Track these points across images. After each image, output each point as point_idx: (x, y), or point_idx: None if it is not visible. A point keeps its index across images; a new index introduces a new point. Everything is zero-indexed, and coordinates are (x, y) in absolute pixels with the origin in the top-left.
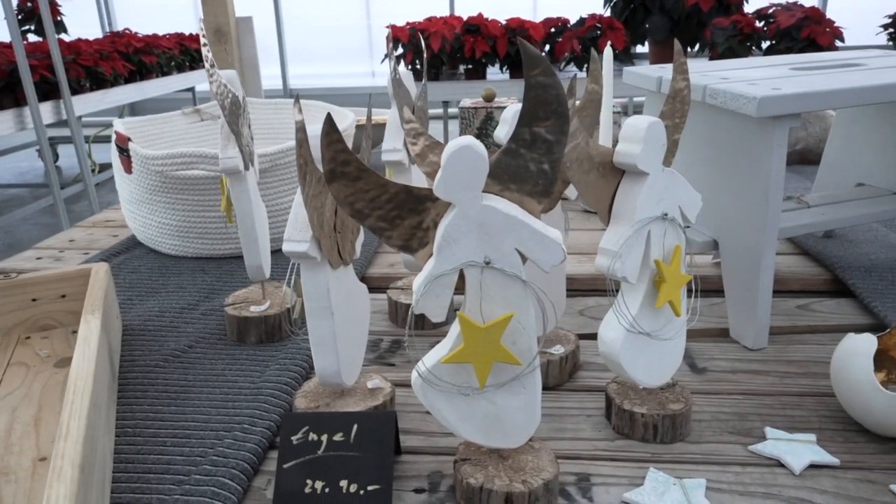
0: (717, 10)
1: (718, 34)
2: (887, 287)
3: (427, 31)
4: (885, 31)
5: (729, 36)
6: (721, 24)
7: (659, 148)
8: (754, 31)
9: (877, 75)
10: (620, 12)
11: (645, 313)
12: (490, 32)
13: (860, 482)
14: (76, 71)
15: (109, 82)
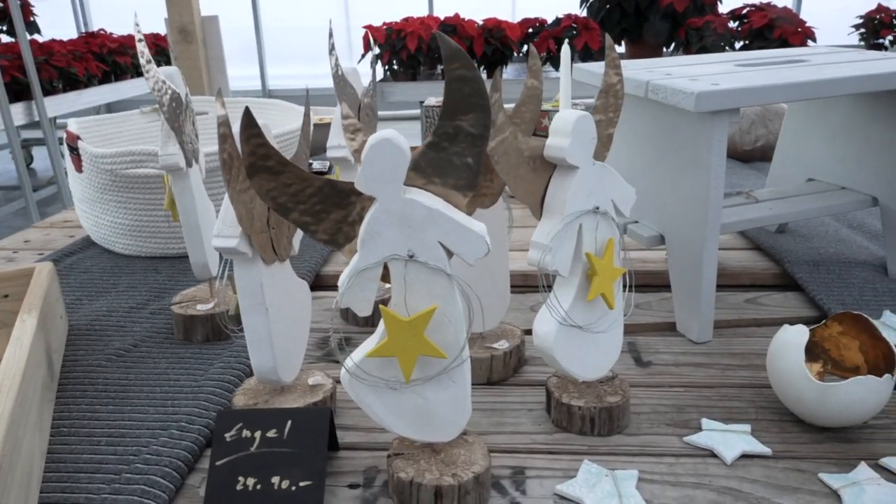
0: (691, 10)
1: (692, 34)
2: (833, 280)
3: (404, 32)
4: (856, 31)
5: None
6: (695, 25)
7: (588, 141)
8: (727, 30)
9: (816, 71)
10: (596, 12)
11: (579, 307)
12: (466, 32)
13: (790, 471)
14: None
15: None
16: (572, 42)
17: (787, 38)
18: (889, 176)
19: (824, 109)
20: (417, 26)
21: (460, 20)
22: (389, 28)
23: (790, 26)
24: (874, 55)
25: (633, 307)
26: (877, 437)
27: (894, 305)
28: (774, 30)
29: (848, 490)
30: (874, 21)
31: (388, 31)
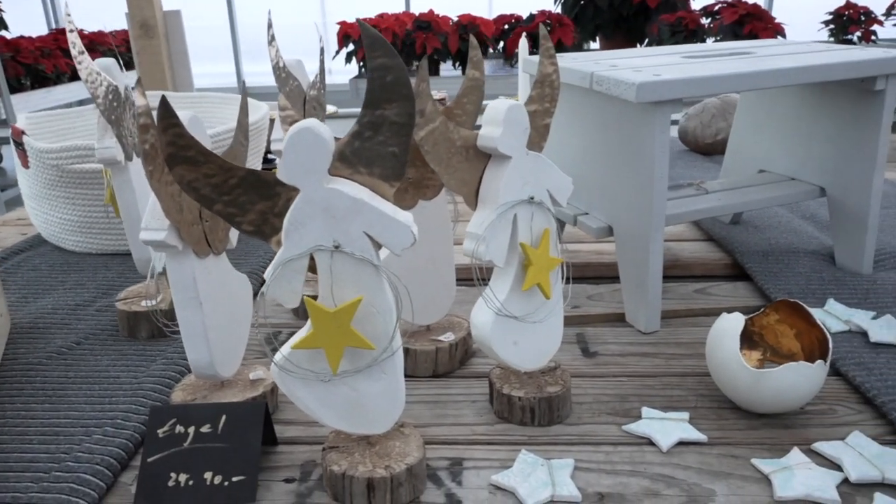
0: (663, 6)
1: (664, 30)
2: (781, 270)
3: (378, 28)
4: (826, 28)
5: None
6: (667, 21)
7: (521, 131)
8: (699, 27)
9: (758, 62)
10: (570, 9)
11: (515, 297)
12: (441, 29)
13: (724, 457)
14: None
15: (52, 80)
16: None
17: (758, 33)
18: (835, 167)
19: (773, 102)
20: (392, 22)
21: (434, 16)
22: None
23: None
24: (820, 48)
25: (569, 297)
26: (812, 422)
27: (839, 293)
28: (745, 26)
29: (778, 475)
30: (843, 17)
31: None
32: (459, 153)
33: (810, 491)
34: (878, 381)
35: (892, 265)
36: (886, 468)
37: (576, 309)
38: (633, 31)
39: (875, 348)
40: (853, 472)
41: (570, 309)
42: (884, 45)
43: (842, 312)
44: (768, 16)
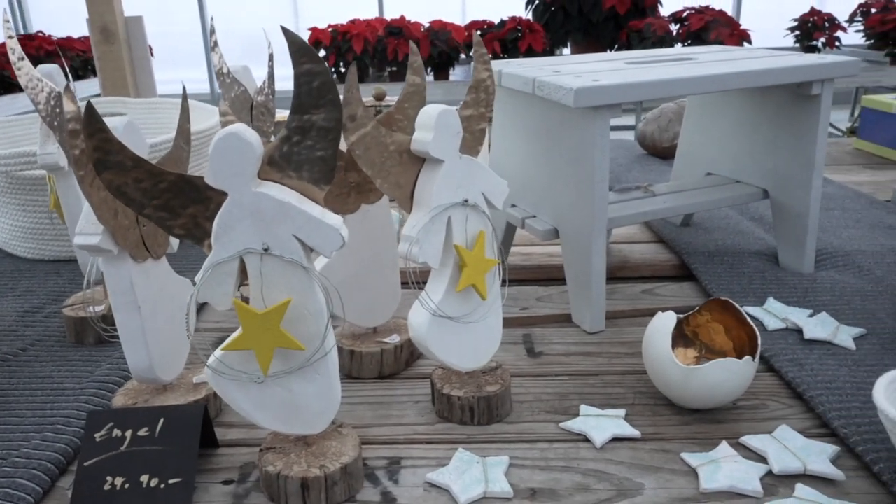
0: (633, 12)
1: (633, 37)
2: (726, 270)
3: (349, 34)
4: (791, 34)
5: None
6: (636, 27)
7: (453, 135)
8: (667, 33)
9: (697, 68)
10: (541, 15)
11: (451, 298)
12: (412, 34)
13: (655, 452)
14: None
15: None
16: (516, 44)
17: (723, 39)
18: (777, 170)
19: (719, 107)
20: (363, 28)
21: (406, 22)
22: (335, 30)
23: (725, 29)
24: (761, 54)
25: (517, 299)
26: (743, 417)
27: (780, 292)
28: (711, 32)
29: (705, 468)
30: (808, 24)
31: (333, 33)
32: (393, 157)
33: (734, 483)
34: (809, 376)
35: (832, 264)
36: (809, 460)
37: (524, 310)
38: (603, 37)
39: (809, 345)
40: (776, 465)
41: (519, 310)
42: (847, 50)
43: (780, 310)
44: (734, 22)
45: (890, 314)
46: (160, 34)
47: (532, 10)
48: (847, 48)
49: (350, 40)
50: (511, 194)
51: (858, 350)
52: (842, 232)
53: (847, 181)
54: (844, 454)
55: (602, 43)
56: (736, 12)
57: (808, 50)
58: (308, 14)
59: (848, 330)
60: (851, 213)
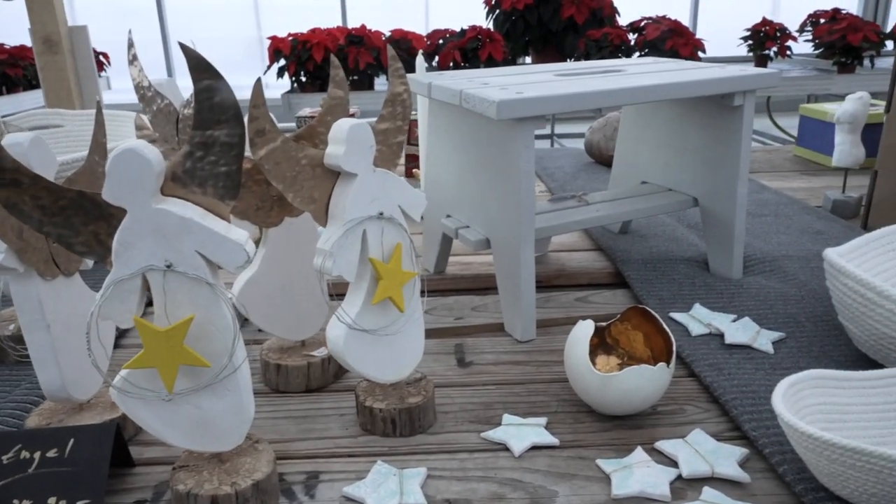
0: (591, 22)
1: (591, 46)
2: (658, 277)
3: (310, 43)
4: (744, 43)
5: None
6: (594, 36)
7: (365, 149)
8: (623, 42)
9: (622, 80)
10: (501, 24)
11: (370, 310)
12: (373, 43)
13: (572, 459)
14: None
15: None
16: (477, 53)
17: (678, 49)
18: (705, 178)
19: (651, 117)
20: (324, 37)
21: (367, 31)
22: (295, 39)
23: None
24: (688, 66)
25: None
26: (661, 422)
27: (707, 298)
28: (666, 42)
29: (618, 473)
30: (760, 34)
31: (293, 42)
32: (306, 171)
33: (644, 488)
34: (726, 380)
35: (760, 270)
36: (717, 463)
37: (459, 320)
38: (563, 46)
39: (729, 349)
40: (686, 469)
41: (454, 320)
42: (798, 59)
43: (704, 316)
44: (689, 32)
45: (809, 318)
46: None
47: (493, 19)
48: (798, 57)
49: (310, 49)
50: (446, 205)
51: (776, 354)
52: (772, 237)
53: (783, 187)
54: (754, 456)
55: (562, 52)
56: (693, 22)
57: (760, 59)
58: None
59: (768, 334)
60: (783, 219)
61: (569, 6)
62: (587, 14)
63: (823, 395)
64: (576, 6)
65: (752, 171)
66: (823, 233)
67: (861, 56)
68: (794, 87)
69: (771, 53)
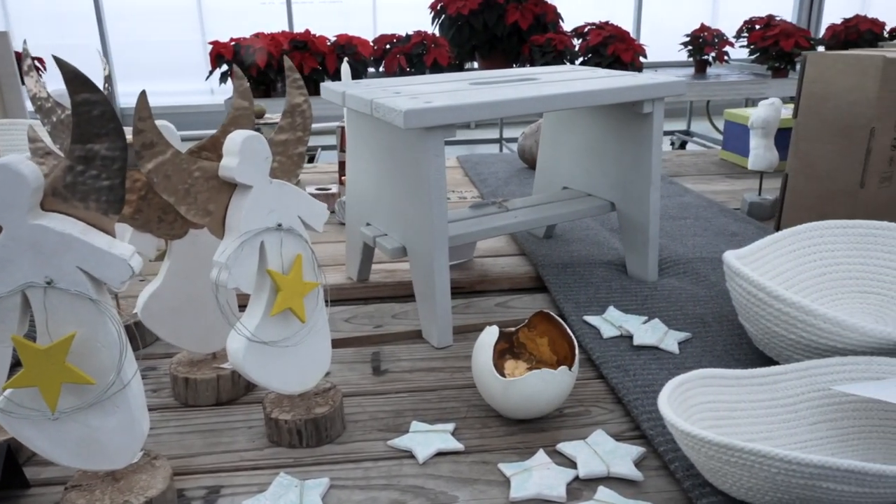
0: (535, 27)
1: (535, 51)
2: (576, 281)
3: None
4: (685, 48)
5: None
6: (537, 42)
7: (261, 161)
8: (566, 47)
9: (533, 88)
10: (447, 30)
11: (270, 322)
12: (318, 49)
13: (475, 464)
14: None
15: None
16: (422, 59)
17: (620, 54)
18: (621, 183)
19: (570, 124)
20: (267, 42)
21: (311, 36)
22: (237, 44)
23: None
24: (601, 73)
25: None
26: (565, 424)
27: (622, 300)
28: (608, 47)
29: (518, 476)
30: (699, 39)
31: (235, 47)
32: (199, 183)
33: (541, 490)
34: (631, 381)
35: (674, 272)
36: (613, 463)
37: (378, 328)
38: (508, 51)
39: (637, 351)
40: (583, 469)
41: (373, 328)
42: (735, 64)
43: (616, 318)
44: (630, 38)
45: (716, 318)
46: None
47: (438, 24)
48: (735, 62)
49: (254, 54)
50: (365, 213)
51: (681, 354)
52: (689, 240)
53: (707, 190)
54: (650, 455)
55: (507, 57)
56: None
57: (699, 64)
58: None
59: (675, 335)
60: (702, 222)
61: (513, 12)
62: (531, 20)
63: (712, 393)
64: (520, 12)
65: (679, 174)
66: (738, 234)
67: (794, 61)
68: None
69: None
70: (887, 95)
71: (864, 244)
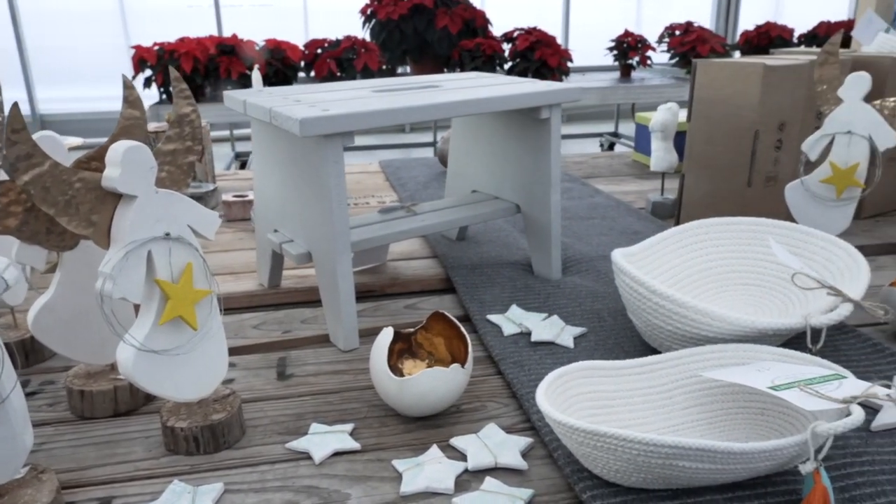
0: (464, 32)
1: (465, 55)
2: (483, 281)
3: (177, 52)
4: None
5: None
6: (467, 47)
7: (144, 171)
8: (495, 52)
9: (434, 95)
10: (378, 34)
11: (159, 331)
12: (246, 53)
13: (370, 462)
14: None
15: None
16: (351, 63)
17: (546, 59)
18: (524, 186)
19: (476, 129)
20: (193, 46)
21: (238, 41)
22: (161, 48)
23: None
24: (503, 80)
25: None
26: (461, 420)
27: (525, 299)
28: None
29: (409, 472)
30: (623, 44)
31: (159, 52)
32: (80, 195)
33: (430, 483)
34: (526, 376)
35: (577, 270)
36: (501, 454)
37: (287, 333)
38: (440, 56)
39: (535, 346)
40: (472, 461)
41: (282, 333)
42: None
43: (518, 316)
44: (556, 43)
45: (611, 313)
46: None
47: (369, 29)
48: (658, 66)
49: (178, 59)
50: (272, 220)
51: (576, 348)
52: (593, 239)
53: (617, 191)
54: (538, 445)
55: (439, 61)
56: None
57: (624, 68)
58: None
59: (571, 330)
60: (609, 221)
61: (443, 17)
62: (461, 24)
63: (592, 384)
64: (449, 17)
65: (593, 175)
66: (640, 233)
67: None
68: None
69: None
70: (768, 100)
71: (745, 240)
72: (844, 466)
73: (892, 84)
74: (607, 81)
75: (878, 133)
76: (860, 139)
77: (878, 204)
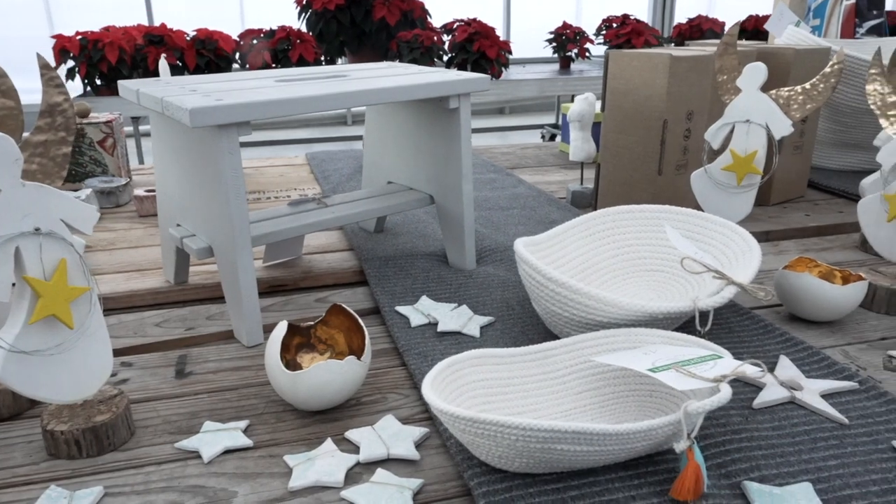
0: (402, 23)
1: (403, 47)
2: (395, 273)
3: (101, 42)
4: (549, 45)
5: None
6: (405, 38)
7: (10, 163)
8: (434, 44)
9: (336, 85)
10: (314, 25)
11: (32, 330)
12: (176, 44)
13: (262, 458)
14: None
15: None
16: (287, 54)
17: (485, 50)
18: (437, 177)
19: (389, 120)
20: (119, 36)
21: (168, 30)
22: (84, 38)
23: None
24: (412, 70)
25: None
26: (360, 412)
27: (437, 290)
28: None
29: (300, 466)
30: (562, 37)
31: (82, 42)
32: None
33: (320, 477)
34: (428, 366)
35: (492, 260)
36: (394, 445)
37: (190, 330)
38: (377, 47)
39: (441, 337)
40: (364, 454)
41: (185, 331)
42: (596, 60)
43: (427, 307)
44: (495, 35)
45: (519, 302)
46: None
47: (305, 20)
48: (597, 58)
49: (102, 49)
50: (174, 214)
51: (482, 337)
52: (511, 229)
53: (541, 181)
54: (434, 435)
55: (376, 53)
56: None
57: (564, 60)
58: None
59: (479, 319)
60: (528, 211)
61: (380, 8)
62: (398, 15)
63: (484, 372)
64: (387, 8)
65: (519, 166)
66: (558, 222)
67: None
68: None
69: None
70: (675, 90)
71: (649, 227)
72: (724, 444)
73: (795, 74)
74: (547, 73)
75: (773, 121)
76: (758, 128)
77: (785, 191)
